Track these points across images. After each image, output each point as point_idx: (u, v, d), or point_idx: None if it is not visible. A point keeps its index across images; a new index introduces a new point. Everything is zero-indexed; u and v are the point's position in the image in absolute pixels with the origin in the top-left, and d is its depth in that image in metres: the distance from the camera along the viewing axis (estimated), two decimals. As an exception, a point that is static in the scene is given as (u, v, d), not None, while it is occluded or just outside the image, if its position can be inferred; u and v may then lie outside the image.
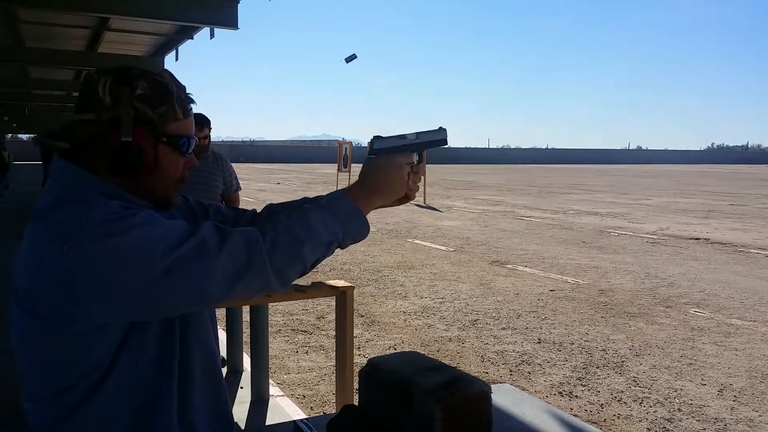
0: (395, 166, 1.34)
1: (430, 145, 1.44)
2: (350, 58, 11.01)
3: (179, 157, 1.28)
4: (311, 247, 1.20)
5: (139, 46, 15.16)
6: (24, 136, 71.31)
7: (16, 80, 20.99)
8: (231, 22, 10.09)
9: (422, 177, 1.44)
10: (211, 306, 1.35)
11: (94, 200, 1.15)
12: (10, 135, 61.03)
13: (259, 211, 1.58)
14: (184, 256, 1.10)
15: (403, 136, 1.39)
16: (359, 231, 1.27)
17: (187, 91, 1.29)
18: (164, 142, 1.24)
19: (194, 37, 13.08)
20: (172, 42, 14.34)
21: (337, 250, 1.30)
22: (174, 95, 1.24)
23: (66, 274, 1.08)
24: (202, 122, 4.36)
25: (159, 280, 1.09)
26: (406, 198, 1.39)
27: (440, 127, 1.47)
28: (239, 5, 9.98)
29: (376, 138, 1.38)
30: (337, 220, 1.24)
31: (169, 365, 1.23)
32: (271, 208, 1.56)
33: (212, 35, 10.98)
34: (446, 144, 1.46)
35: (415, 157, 1.39)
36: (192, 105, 1.29)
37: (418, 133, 1.42)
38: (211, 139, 4.55)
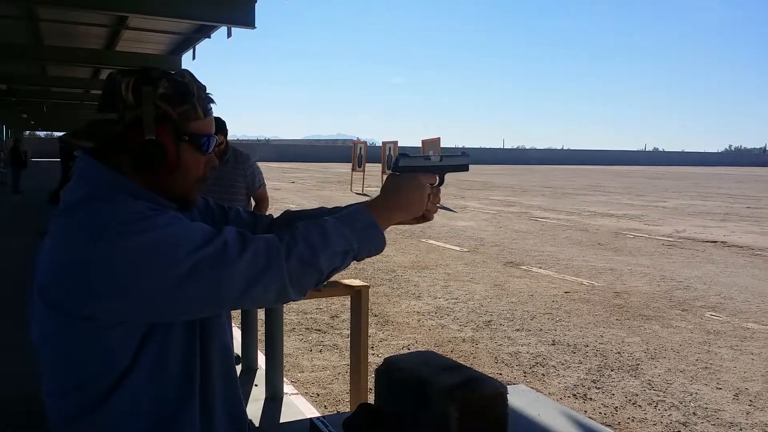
0: (417, 185, 1.35)
1: (453, 170, 1.47)
2: None
3: (201, 156, 1.30)
4: (327, 258, 1.20)
5: (157, 45, 15.27)
6: (42, 134, 72.02)
7: (35, 78, 21.21)
8: (248, 22, 10.13)
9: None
10: (227, 310, 1.36)
11: (119, 199, 1.17)
12: (28, 132, 61.63)
13: (276, 216, 1.60)
14: (205, 258, 1.11)
15: (427, 157, 1.42)
16: (376, 245, 1.28)
17: (207, 91, 1.31)
18: (186, 141, 1.26)
19: (211, 36, 13.15)
20: (189, 41, 14.43)
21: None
22: (195, 95, 1.26)
23: (88, 271, 1.09)
24: (216, 130, 4.32)
25: (179, 281, 1.10)
26: (423, 218, 1.41)
27: (463, 152, 1.51)
28: (256, 4, 10.03)
29: (402, 155, 1.40)
30: (354, 233, 1.24)
31: (192, 369, 1.24)
32: (288, 215, 1.57)
33: (229, 34, 11.04)
34: (467, 170, 1.50)
35: (437, 179, 1.42)
36: (212, 105, 1.31)
37: (442, 156, 1.45)
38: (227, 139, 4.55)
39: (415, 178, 1.36)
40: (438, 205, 1.43)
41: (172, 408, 1.22)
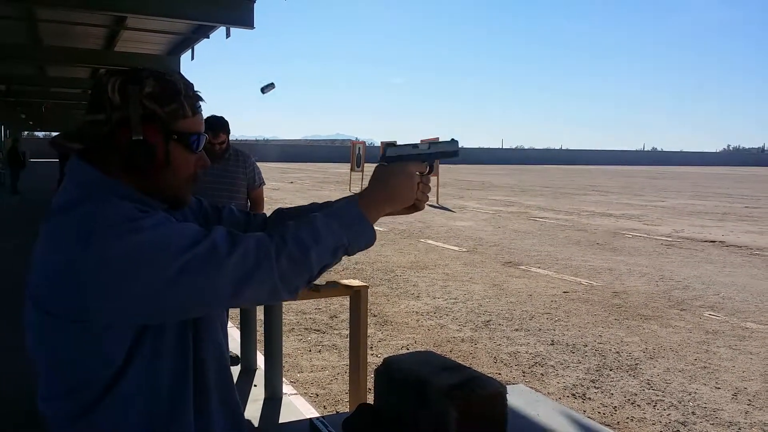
0: (406, 174, 1.34)
1: (442, 156, 1.46)
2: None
3: (190, 155, 1.29)
4: (317, 254, 1.20)
5: (156, 45, 15.25)
6: (40, 134, 71.97)
7: (34, 78, 21.20)
8: (247, 22, 10.12)
9: (436, 178, 1.45)
10: (219, 309, 1.35)
11: (108, 201, 1.16)
12: (26, 132, 61.58)
13: (269, 215, 1.60)
14: (195, 259, 1.11)
15: (415, 146, 1.40)
16: (365, 238, 1.27)
17: (196, 89, 1.29)
18: (175, 140, 1.25)
19: (210, 36, 13.14)
20: (188, 41, 14.40)
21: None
22: (182, 93, 1.25)
23: (79, 274, 1.09)
24: (218, 128, 4.32)
25: (169, 281, 1.10)
26: (414, 207, 1.39)
27: (452, 139, 1.49)
28: (255, 4, 10.02)
29: (389, 145, 1.39)
30: (342, 227, 1.23)
31: (185, 369, 1.24)
32: (280, 213, 1.57)
33: (228, 35, 11.02)
34: (457, 156, 1.48)
35: (426, 168, 1.41)
36: (201, 102, 1.30)
37: (430, 144, 1.44)
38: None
39: (404, 167, 1.34)
40: (428, 195, 1.41)
41: (166, 408, 1.22)
